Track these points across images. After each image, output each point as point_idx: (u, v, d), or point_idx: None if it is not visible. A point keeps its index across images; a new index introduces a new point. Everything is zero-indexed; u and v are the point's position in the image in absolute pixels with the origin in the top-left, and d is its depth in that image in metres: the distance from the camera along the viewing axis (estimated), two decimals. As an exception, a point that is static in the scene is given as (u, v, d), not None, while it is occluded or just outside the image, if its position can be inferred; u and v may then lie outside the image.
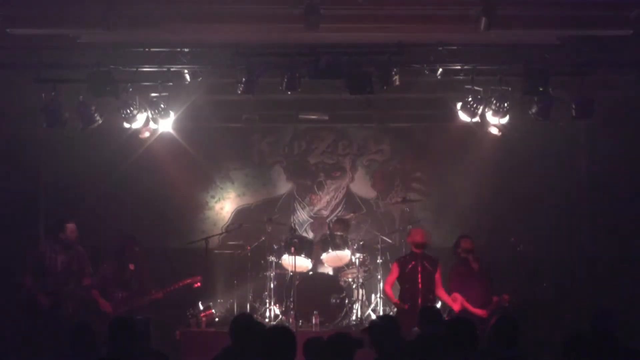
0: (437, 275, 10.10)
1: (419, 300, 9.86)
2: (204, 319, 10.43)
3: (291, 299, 10.55)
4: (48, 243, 9.86)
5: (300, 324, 10.25)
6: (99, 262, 10.19)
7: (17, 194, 11.03)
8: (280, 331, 5.84)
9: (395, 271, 10.15)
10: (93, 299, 9.80)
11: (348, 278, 10.96)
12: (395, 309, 10.14)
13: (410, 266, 10.06)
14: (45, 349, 9.06)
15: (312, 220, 12.64)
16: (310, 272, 11.03)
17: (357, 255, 10.94)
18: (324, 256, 10.99)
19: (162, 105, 9.82)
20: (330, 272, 11.16)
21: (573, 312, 10.55)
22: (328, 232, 11.30)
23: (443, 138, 12.19)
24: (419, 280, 9.96)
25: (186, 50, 9.36)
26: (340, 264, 11.02)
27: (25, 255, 9.83)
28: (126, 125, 9.96)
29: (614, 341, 6.38)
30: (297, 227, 12.10)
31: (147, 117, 9.92)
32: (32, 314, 9.47)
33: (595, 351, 5.83)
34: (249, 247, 11.28)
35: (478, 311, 9.67)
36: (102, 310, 9.68)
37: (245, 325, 6.34)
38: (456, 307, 9.76)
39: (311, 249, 11.06)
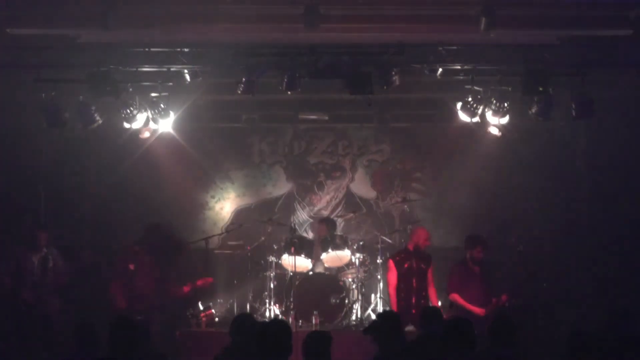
0: (429, 274, 10.22)
1: (413, 300, 10.03)
2: (204, 319, 10.42)
3: (291, 299, 10.55)
4: (21, 247, 9.95)
5: (300, 324, 10.25)
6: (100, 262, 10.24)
7: (17, 194, 11.03)
8: (275, 325, 5.89)
9: (393, 270, 10.25)
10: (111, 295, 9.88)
11: (348, 278, 10.95)
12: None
13: (406, 266, 10.21)
14: (34, 345, 9.25)
15: (312, 220, 12.62)
16: (310, 272, 11.03)
17: (357, 255, 10.94)
18: (324, 256, 10.98)
19: (162, 105, 9.83)
20: (330, 272, 11.15)
21: (573, 312, 10.56)
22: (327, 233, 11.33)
23: (443, 138, 12.19)
24: (414, 280, 10.11)
25: (186, 50, 9.36)
26: (340, 264, 11.01)
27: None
28: (126, 125, 9.97)
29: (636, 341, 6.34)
30: (297, 227, 12.09)
31: (147, 117, 9.93)
32: (16, 311, 9.59)
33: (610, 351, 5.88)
34: (249, 247, 11.26)
35: (476, 309, 9.67)
36: (117, 307, 9.67)
37: (244, 323, 6.40)
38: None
39: (311, 249, 11.04)
